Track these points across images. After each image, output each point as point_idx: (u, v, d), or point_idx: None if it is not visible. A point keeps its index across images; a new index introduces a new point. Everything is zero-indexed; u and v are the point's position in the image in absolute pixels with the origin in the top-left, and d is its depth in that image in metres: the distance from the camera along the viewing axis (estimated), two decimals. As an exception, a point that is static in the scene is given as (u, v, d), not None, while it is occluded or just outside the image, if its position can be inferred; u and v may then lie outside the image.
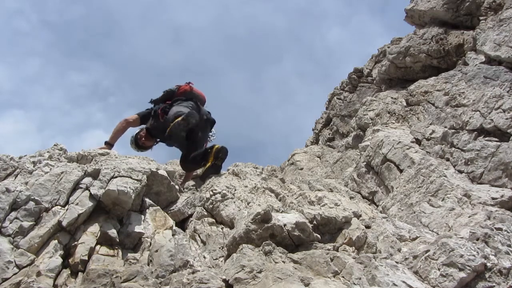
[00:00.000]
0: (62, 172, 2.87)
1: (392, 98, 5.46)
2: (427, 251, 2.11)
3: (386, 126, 4.66)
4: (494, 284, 1.90)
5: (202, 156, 4.11)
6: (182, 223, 3.12)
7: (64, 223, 2.53)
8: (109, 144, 4.20)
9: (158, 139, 4.50)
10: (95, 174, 2.92)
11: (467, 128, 3.43)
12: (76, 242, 2.47)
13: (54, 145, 3.69)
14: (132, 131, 4.45)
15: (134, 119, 4.40)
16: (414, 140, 3.96)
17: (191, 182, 3.73)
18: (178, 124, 3.94)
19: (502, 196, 2.80)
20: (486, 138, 3.23)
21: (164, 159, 5.51)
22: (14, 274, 2.20)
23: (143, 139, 4.38)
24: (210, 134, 4.78)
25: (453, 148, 3.44)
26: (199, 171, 4.29)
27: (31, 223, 2.47)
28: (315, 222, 2.60)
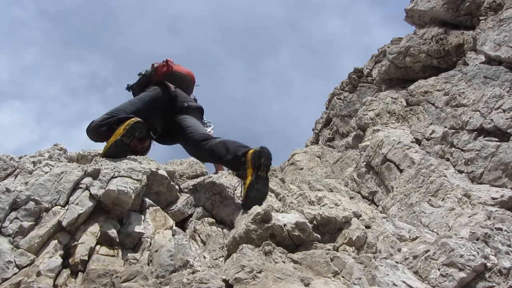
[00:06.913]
0: (62, 172, 2.87)
1: (392, 98, 5.46)
2: (427, 251, 2.11)
3: (386, 126, 4.67)
4: (494, 284, 1.90)
5: (232, 159, 2.96)
6: (182, 223, 3.12)
7: (64, 223, 2.53)
8: None
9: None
10: (95, 174, 2.92)
11: (467, 128, 3.43)
12: (76, 242, 2.47)
13: (54, 145, 3.70)
14: None
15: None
16: (414, 140, 3.96)
17: (191, 182, 3.72)
18: (116, 145, 3.08)
19: (502, 196, 2.80)
20: (486, 138, 3.23)
21: (164, 159, 5.39)
22: (14, 274, 2.20)
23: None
24: (205, 123, 3.85)
25: (453, 148, 3.44)
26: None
27: (31, 223, 2.47)
28: (315, 222, 2.60)
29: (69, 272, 2.30)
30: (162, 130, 3.69)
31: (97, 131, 3.29)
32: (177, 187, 3.36)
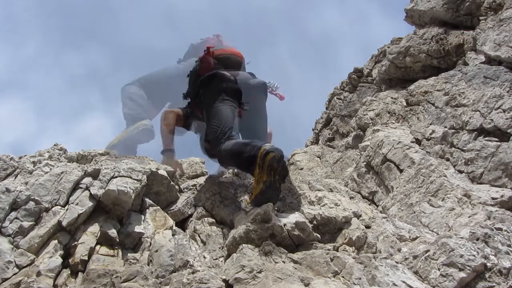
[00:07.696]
0: (62, 172, 2.87)
1: (392, 98, 5.46)
2: (427, 251, 2.11)
3: (386, 126, 4.66)
4: (494, 284, 1.90)
5: (247, 158, 2.78)
6: (182, 223, 3.12)
7: (64, 223, 2.53)
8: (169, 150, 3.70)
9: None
10: (95, 174, 2.92)
11: (467, 128, 3.43)
12: (76, 242, 2.47)
13: (54, 145, 3.69)
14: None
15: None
16: (414, 140, 3.95)
17: (191, 182, 3.72)
18: (122, 144, 3.31)
19: (502, 196, 2.80)
20: (486, 138, 3.23)
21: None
22: (14, 274, 2.20)
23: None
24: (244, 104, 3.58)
25: (453, 148, 3.44)
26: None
27: (31, 223, 2.47)
28: (315, 222, 2.60)
29: (69, 272, 2.31)
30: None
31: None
32: (177, 187, 3.36)
